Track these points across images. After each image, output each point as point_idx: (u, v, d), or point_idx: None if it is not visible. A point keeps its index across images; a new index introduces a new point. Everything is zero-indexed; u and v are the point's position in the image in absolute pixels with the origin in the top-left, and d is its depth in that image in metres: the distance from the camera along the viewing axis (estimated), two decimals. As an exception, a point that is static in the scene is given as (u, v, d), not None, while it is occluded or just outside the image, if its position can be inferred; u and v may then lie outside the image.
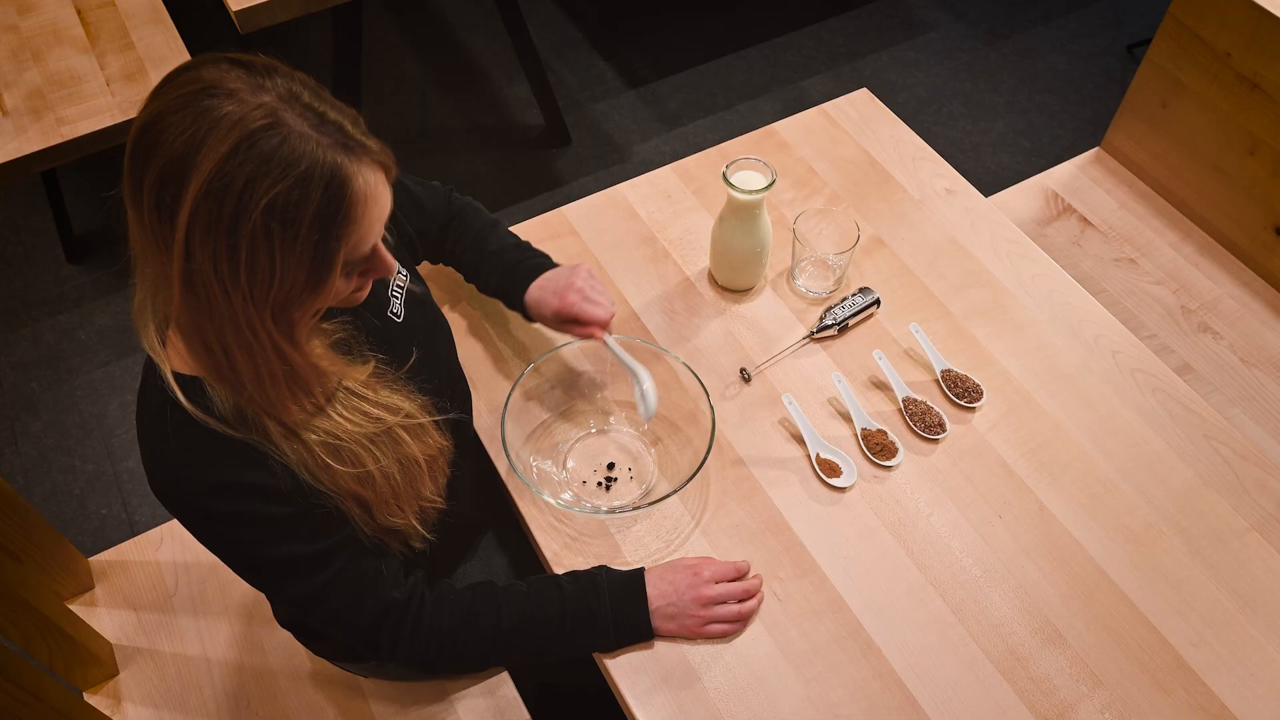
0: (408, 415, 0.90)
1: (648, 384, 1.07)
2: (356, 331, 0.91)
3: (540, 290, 1.13)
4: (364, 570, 0.92)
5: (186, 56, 1.85)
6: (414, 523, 0.95)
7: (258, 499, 0.82)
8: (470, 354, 1.24)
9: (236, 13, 1.69)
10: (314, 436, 0.83)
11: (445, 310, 1.28)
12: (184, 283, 0.72)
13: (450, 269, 1.26)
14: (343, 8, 2.11)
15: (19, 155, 1.68)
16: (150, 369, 0.82)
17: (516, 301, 1.16)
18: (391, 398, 0.90)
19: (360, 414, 0.87)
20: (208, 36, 2.78)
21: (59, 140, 1.71)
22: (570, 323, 1.12)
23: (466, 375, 1.20)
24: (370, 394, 0.88)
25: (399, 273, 1.04)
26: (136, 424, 0.86)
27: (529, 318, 1.17)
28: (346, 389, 0.86)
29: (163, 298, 0.77)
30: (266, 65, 0.73)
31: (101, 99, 1.77)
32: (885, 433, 1.15)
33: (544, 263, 1.17)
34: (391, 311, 1.01)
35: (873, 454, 1.13)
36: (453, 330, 1.17)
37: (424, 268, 1.29)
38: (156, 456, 0.82)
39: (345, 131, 0.73)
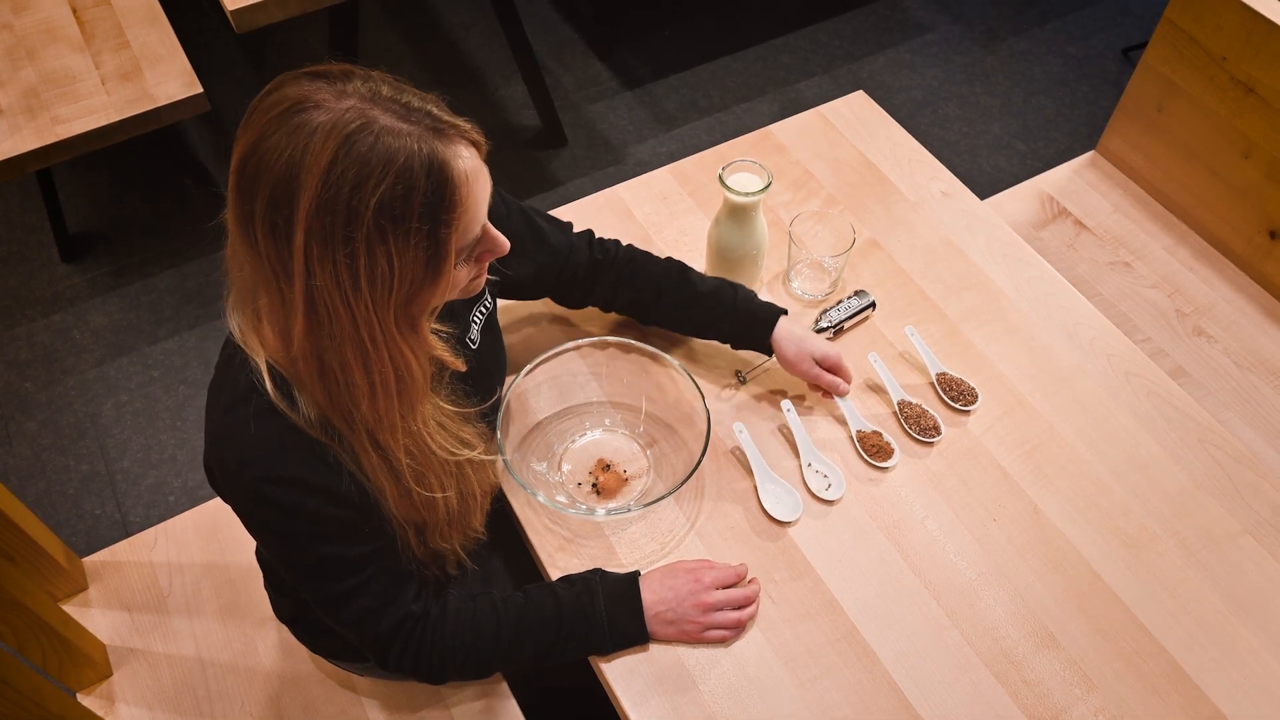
0: (480, 453, 0.92)
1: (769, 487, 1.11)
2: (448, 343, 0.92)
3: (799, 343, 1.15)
4: (392, 580, 0.93)
5: (182, 56, 1.84)
6: (458, 549, 0.97)
7: (320, 498, 0.83)
8: (466, 355, 1.24)
9: (232, 12, 1.68)
10: (405, 459, 0.84)
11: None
12: (306, 305, 0.73)
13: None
14: (339, 8, 2.11)
15: (14, 154, 1.68)
16: (234, 350, 0.83)
17: (764, 338, 1.16)
18: (468, 433, 0.92)
19: (445, 441, 0.88)
20: (204, 36, 2.78)
21: (54, 139, 1.70)
22: (820, 373, 1.15)
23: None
24: (453, 426, 0.90)
25: (485, 301, 1.05)
26: (210, 401, 0.87)
27: (764, 349, 1.17)
28: (435, 420, 0.88)
29: (269, 313, 0.78)
30: (343, 71, 0.74)
31: (96, 98, 1.76)
32: (880, 434, 1.15)
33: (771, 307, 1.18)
34: (469, 338, 1.02)
35: (869, 455, 1.13)
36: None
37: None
38: (229, 437, 0.83)
39: (433, 116, 0.74)
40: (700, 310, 1.17)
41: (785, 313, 1.16)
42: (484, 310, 1.05)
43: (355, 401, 0.79)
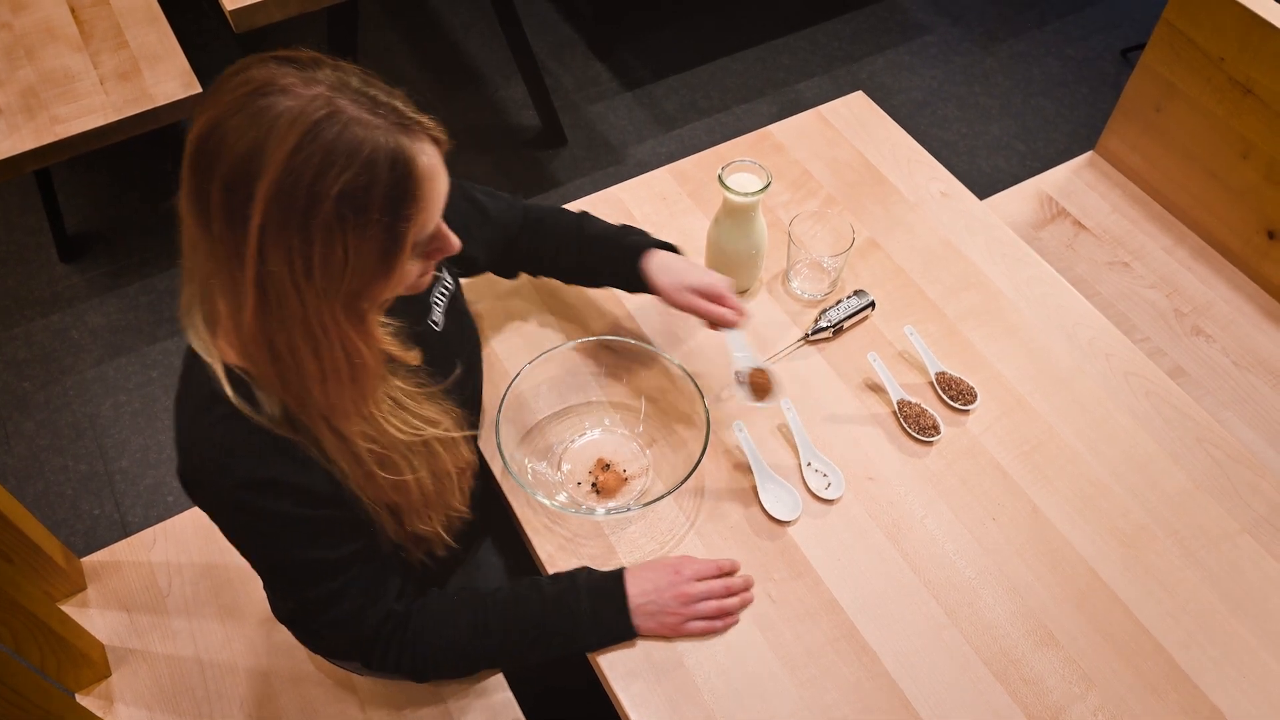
0: (446, 429, 0.92)
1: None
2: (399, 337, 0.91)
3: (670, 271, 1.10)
4: (375, 581, 0.92)
5: (181, 56, 1.84)
6: (440, 530, 0.96)
7: (293, 500, 0.83)
8: (465, 355, 1.24)
9: (231, 12, 1.68)
10: (365, 444, 0.84)
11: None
12: (257, 289, 0.72)
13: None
14: (338, 8, 2.11)
15: (12, 154, 1.68)
16: (194, 359, 0.82)
17: (633, 270, 1.10)
18: (431, 410, 0.91)
19: (404, 424, 0.87)
20: (203, 36, 2.77)
21: (52, 139, 1.70)
22: (701, 303, 1.09)
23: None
24: (413, 405, 0.89)
25: (444, 282, 1.04)
26: (176, 411, 0.86)
27: (646, 287, 1.12)
28: (392, 399, 0.87)
29: (220, 297, 0.77)
30: (312, 58, 0.74)
31: (95, 98, 1.76)
32: (765, 372, 1.09)
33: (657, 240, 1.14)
34: (431, 320, 1.01)
35: (755, 394, 1.09)
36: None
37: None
38: (196, 445, 0.83)
39: (399, 111, 0.74)
40: (590, 254, 1.14)
41: (672, 247, 1.11)
42: (444, 291, 1.04)
43: (307, 387, 0.78)
